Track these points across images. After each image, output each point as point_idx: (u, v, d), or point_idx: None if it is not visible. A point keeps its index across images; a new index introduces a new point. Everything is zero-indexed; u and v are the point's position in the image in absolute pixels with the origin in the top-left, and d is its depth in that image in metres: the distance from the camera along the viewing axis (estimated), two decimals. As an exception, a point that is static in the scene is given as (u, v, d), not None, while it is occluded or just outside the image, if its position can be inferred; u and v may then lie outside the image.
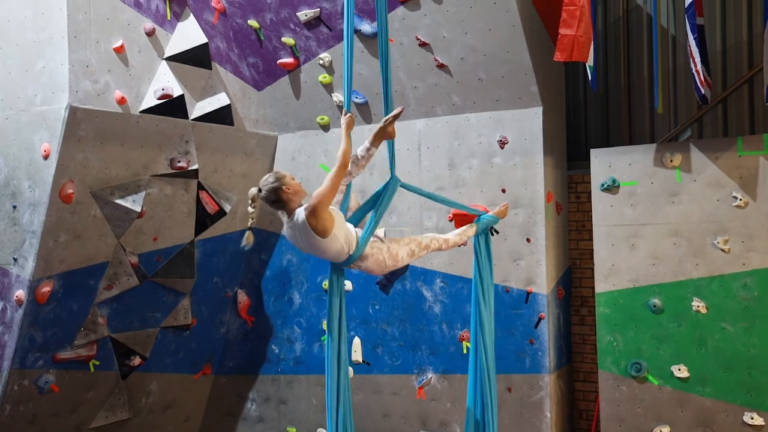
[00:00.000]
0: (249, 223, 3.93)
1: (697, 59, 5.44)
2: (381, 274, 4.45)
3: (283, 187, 3.91)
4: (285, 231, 4.06)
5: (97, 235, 6.19)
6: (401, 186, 4.41)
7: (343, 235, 3.96)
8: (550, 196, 6.40)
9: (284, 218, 4.03)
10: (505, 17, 5.97)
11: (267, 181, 3.96)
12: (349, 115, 4.14)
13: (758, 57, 6.05)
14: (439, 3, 6.15)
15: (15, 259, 5.95)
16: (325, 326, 7.17)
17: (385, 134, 4.25)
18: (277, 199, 3.92)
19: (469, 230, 4.61)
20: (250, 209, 3.94)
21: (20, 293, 5.90)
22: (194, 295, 7.12)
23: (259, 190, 3.95)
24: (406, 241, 4.30)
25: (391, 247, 4.19)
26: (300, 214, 3.88)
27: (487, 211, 6.46)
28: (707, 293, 5.76)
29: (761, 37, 5.82)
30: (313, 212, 3.79)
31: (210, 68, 6.71)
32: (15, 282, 5.95)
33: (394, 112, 4.21)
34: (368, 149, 4.25)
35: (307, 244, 3.96)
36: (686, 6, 5.50)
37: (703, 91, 5.56)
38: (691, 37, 5.47)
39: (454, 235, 4.58)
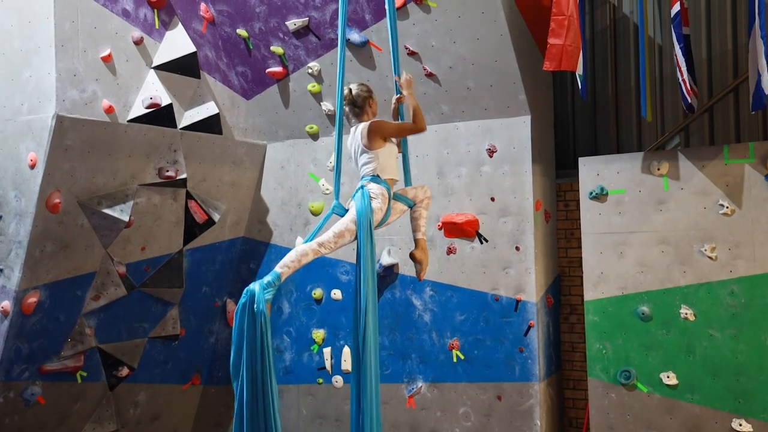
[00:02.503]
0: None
1: (684, 69, 5.49)
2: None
3: (370, 100, 4.49)
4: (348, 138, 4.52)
5: (84, 245, 6.14)
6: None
7: (382, 163, 4.36)
8: (538, 204, 6.42)
9: (351, 125, 4.52)
10: (494, 27, 6.01)
11: (360, 89, 4.50)
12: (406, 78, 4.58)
13: (743, 66, 6.12)
14: (427, 12, 6.17)
15: (1, 270, 5.88)
16: (315, 335, 7.17)
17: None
18: (362, 105, 4.45)
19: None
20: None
21: (6, 304, 5.84)
22: (183, 305, 7.08)
23: (350, 92, 4.46)
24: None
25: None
26: (364, 124, 4.42)
27: (477, 221, 6.51)
28: (695, 300, 5.80)
29: (746, 46, 5.89)
30: (371, 129, 4.33)
31: (198, 77, 6.69)
32: (1, 293, 5.88)
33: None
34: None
35: (356, 150, 4.44)
36: (672, 16, 5.56)
37: (689, 100, 5.61)
38: (677, 47, 5.52)
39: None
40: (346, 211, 4.38)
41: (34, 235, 5.76)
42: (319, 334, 7.16)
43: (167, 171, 6.48)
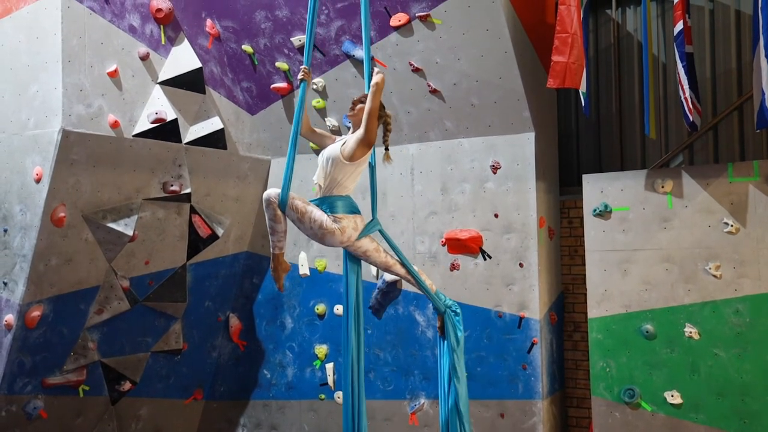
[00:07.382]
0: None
1: (686, 87, 5.50)
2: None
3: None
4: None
5: (88, 258, 6.16)
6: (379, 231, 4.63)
7: None
8: (542, 221, 6.41)
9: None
10: (498, 44, 6.03)
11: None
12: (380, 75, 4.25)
13: (747, 84, 6.12)
14: (432, 29, 6.20)
15: (5, 283, 5.90)
16: (318, 351, 7.15)
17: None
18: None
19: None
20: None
21: (9, 317, 5.85)
22: (186, 320, 7.08)
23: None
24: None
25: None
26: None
27: (480, 237, 6.50)
28: (699, 319, 5.76)
29: (750, 65, 5.89)
30: None
31: (204, 92, 6.73)
32: (4, 306, 5.90)
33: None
34: None
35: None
36: (675, 34, 5.57)
37: (691, 118, 5.61)
38: (680, 65, 5.53)
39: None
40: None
41: (39, 248, 5.79)
42: (321, 349, 7.14)
43: (172, 185, 6.51)
